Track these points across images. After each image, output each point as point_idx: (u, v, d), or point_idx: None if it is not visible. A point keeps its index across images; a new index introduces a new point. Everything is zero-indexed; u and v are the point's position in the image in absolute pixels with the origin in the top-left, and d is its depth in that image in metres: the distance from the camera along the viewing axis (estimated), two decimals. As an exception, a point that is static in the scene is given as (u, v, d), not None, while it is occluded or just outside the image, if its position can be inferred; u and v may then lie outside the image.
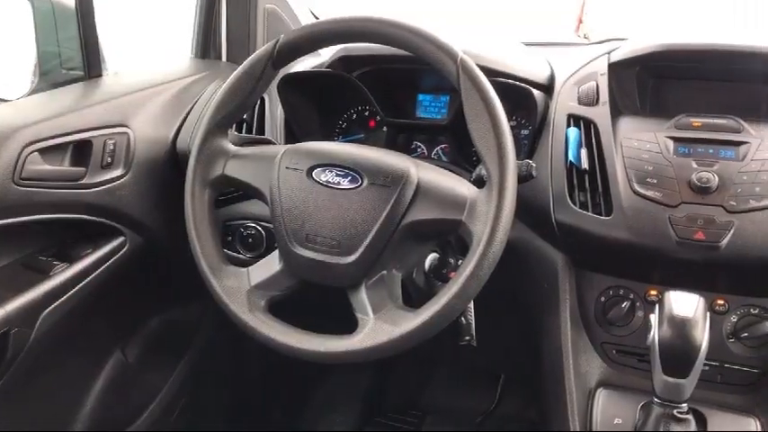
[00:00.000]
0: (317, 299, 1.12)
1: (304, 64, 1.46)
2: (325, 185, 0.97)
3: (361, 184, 0.95)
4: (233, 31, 1.65)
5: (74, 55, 1.39)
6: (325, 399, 1.94)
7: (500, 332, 1.43)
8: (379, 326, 0.92)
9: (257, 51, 1.04)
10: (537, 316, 1.15)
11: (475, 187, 0.94)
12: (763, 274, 1.00)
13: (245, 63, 1.05)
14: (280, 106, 1.34)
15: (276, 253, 1.03)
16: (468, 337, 1.12)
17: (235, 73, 1.05)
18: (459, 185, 0.95)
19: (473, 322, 1.11)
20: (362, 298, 0.96)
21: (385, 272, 0.97)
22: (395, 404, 1.92)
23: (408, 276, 1.07)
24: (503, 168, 0.90)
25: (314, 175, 0.98)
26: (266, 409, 1.89)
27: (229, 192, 1.31)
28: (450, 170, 1.10)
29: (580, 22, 2.32)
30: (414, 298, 1.10)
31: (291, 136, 1.35)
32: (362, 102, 1.39)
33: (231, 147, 1.08)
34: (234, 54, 1.65)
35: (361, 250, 0.93)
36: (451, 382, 1.91)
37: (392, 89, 1.36)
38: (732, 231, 0.97)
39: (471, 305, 1.11)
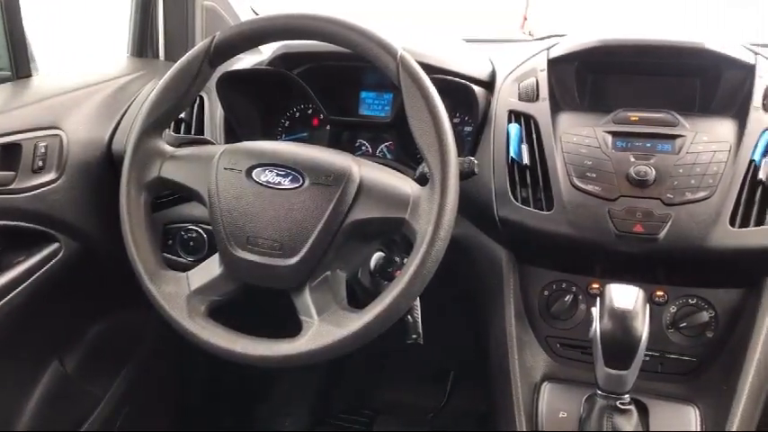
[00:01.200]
0: (260, 302, 1.11)
1: (245, 61, 1.43)
2: (266, 186, 0.95)
3: (302, 184, 0.94)
4: (171, 28, 1.61)
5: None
6: (275, 401, 1.91)
7: (449, 328, 1.44)
8: (324, 328, 0.91)
9: (193, 49, 1.02)
10: (483, 312, 1.15)
11: (418, 185, 0.94)
12: (700, 265, 1.03)
13: (180, 61, 1.02)
14: (220, 105, 1.31)
15: (216, 256, 1.00)
16: (414, 336, 1.11)
17: (169, 72, 1.03)
18: (402, 183, 0.94)
19: (419, 320, 1.11)
20: (306, 300, 0.94)
21: (329, 273, 0.96)
22: (346, 404, 1.91)
23: (353, 276, 1.06)
24: (444, 165, 0.89)
25: (253, 176, 0.96)
26: (215, 413, 1.85)
27: (168, 194, 1.28)
28: (395, 168, 1.09)
29: (525, 19, 2.35)
30: (360, 298, 1.09)
31: (233, 136, 1.32)
32: (305, 100, 1.38)
33: (167, 148, 1.05)
34: (172, 52, 1.61)
35: (303, 251, 0.92)
36: (402, 380, 1.91)
37: (335, 87, 1.35)
38: (669, 223, 0.99)
39: (417, 303, 1.11)
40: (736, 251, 0.98)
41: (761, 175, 0.99)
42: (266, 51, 1.40)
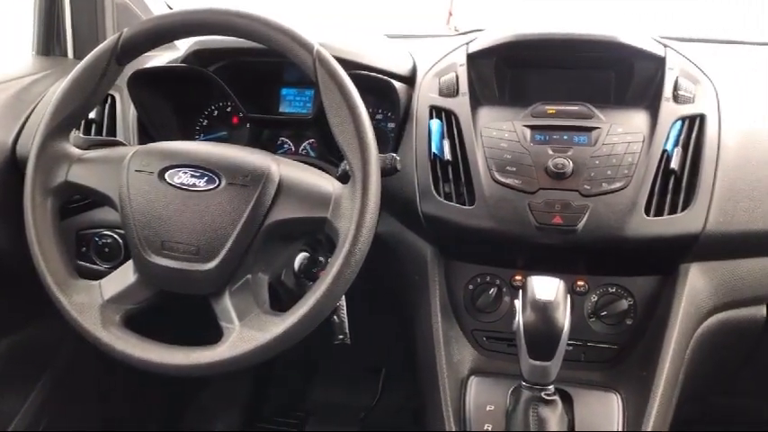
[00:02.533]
0: (179, 309, 1.07)
1: (160, 59, 1.38)
2: (180, 188, 0.91)
3: (218, 185, 0.91)
4: (79, 25, 1.54)
5: None
6: (204, 406, 1.86)
7: (378, 326, 1.43)
8: (246, 333, 0.89)
9: (98, 47, 0.97)
10: (409, 308, 1.15)
11: (340, 183, 0.92)
12: (618, 254, 1.05)
13: (85, 60, 0.98)
14: (132, 105, 1.26)
15: (130, 263, 0.96)
16: (341, 336, 1.10)
17: (74, 71, 0.98)
18: (324, 182, 0.92)
19: (346, 320, 1.10)
20: (226, 305, 0.92)
21: (249, 276, 0.93)
22: (277, 407, 1.88)
23: (277, 278, 1.04)
24: (365, 163, 0.88)
25: (166, 177, 0.92)
26: (141, 421, 1.79)
27: (80, 199, 1.22)
28: (318, 166, 1.08)
29: (450, 15, 2.36)
30: (284, 301, 1.07)
31: (147, 137, 1.27)
32: (223, 98, 1.34)
33: (75, 150, 1.00)
34: (81, 50, 1.54)
35: (222, 255, 0.89)
36: (334, 380, 1.89)
37: (254, 84, 1.32)
38: (587, 214, 1.01)
39: (343, 303, 1.10)
40: (652, 239, 1.00)
41: (673, 165, 1.02)
42: (183, 48, 1.36)
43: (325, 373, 1.92)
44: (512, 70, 1.22)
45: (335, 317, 1.09)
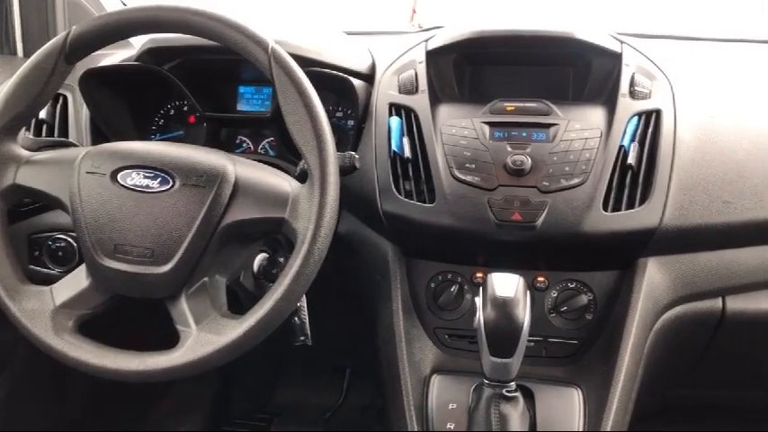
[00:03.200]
0: (134, 314, 1.04)
1: (114, 57, 1.35)
2: (133, 189, 0.89)
3: (172, 186, 0.89)
4: (28, 22, 1.50)
5: None
6: (168, 410, 1.83)
7: (342, 326, 1.42)
8: (203, 337, 0.87)
9: (46, 45, 0.95)
10: (371, 307, 1.14)
11: (298, 182, 0.91)
12: (577, 250, 1.06)
13: (32, 58, 0.95)
14: (85, 105, 1.23)
15: (83, 267, 0.94)
16: (302, 337, 1.09)
17: (21, 70, 0.95)
18: (281, 181, 0.91)
19: (307, 321, 1.09)
20: (183, 309, 0.90)
21: (206, 279, 0.92)
22: (242, 409, 1.86)
23: (235, 280, 1.02)
24: (323, 161, 0.87)
25: (119, 179, 0.90)
26: (102, 423, 1.75)
27: (31, 202, 1.18)
28: (277, 165, 1.07)
29: (414, 12, 2.35)
30: (244, 303, 1.05)
31: (101, 137, 1.24)
32: (180, 96, 1.31)
33: (23, 152, 0.97)
34: (31, 49, 1.49)
35: (177, 258, 0.87)
36: (299, 381, 1.88)
37: (210, 82, 1.30)
38: (546, 211, 1.01)
39: (304, 304, 1.08)
40: (610, 234, 1.01)
41: (630, 160, 1.03)
42: (138, 45, 1.33)
43: (290, 373, 1.91)
44: (471, 67, 1.21)
45: (296, 318, 1.07)
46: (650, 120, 1.07)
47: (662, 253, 1.05)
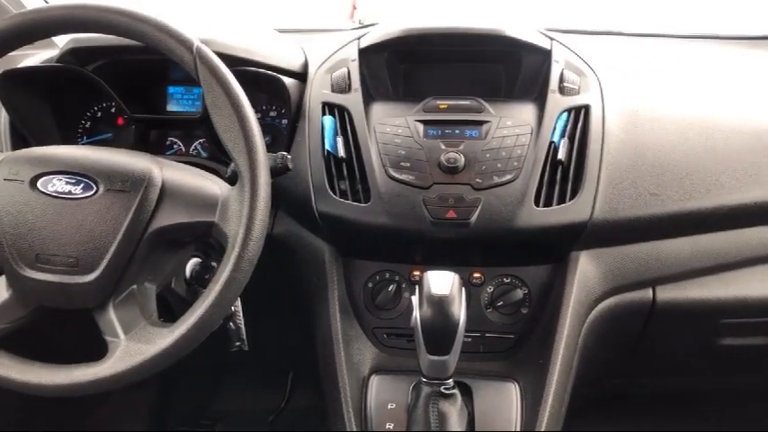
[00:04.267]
0: (60, 325, 1.01)
1: (36, 57, 1.29)
2: (54, 196, 0.86)
3: (96, 192, 0.86)
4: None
5: None
6: (106, 417, 1.77)
7: (282, 329, 1.40)
8: (132, 347, 0.84)
9: None
10: (308, 309, 1.13)
11: (228, 185, 0.89)
12: (511, 245, 1.07)
13: None
14: (4, 109, 1.18)
15: (2, 279, 0.89)
16: (238, 343, 1.07)
17: None
18: (210, 184, 0.89)
19: (243, 326, 1.07)
20: (110, 318, 0.87)
21: (135, 287, 0.89)
22: (184, 415, 1.81)
23: (166, 287, 1.00)
24: (253, 163, 0.85)
25: (39, 186, 0.86)
26: None
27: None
28: (209, 167, 1.04)
29: (354, 8, 2.34)
30: (176, 310, 1.02)
31: (23, 142, 1.19)
32: (106, 98, 1.27)
33: None
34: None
35: (103, 266, 0.84)
36: (241, 385, 1.85)
37: (138, 82, 1.25)
38: (480, 207, 1.02)
39: (239, 308, 1.06)
40: (542, 229, 1.02)
41: (560, 156, 1.05)
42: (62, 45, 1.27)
43: (232, 377, 1.87)
44: (404, 65, 1.21)
45: (231, 323, 1.05)
46: (579, 115, 1.09)
47: (593, 246, 1.07)
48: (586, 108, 1.09)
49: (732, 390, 1.54)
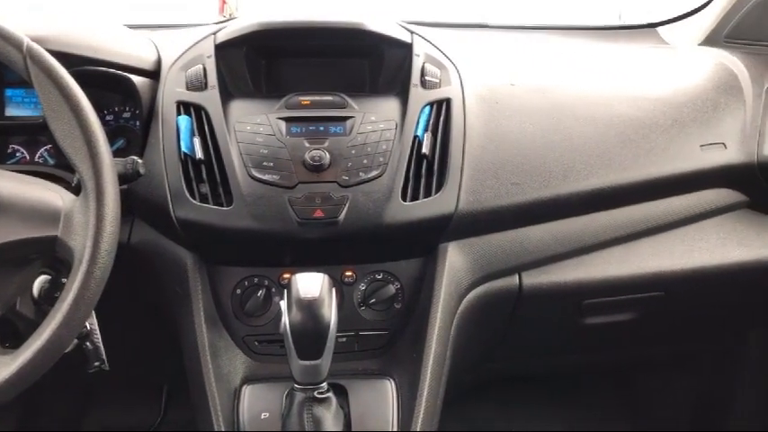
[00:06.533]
0: None
1: None
2: None
3: None
4: None
5: None
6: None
7: (148, 343, 1.33)
8: None
9: None
10: (173, 322, 1.07)
11: (73, 195, 0.82)
12: (381, 241, 1.06)
13: None
14: None
15: None
16: (97, 363, 1.00)
17: None
18: (51, 195, 0.82)
19: (101, 345, 0.99)
20: None
21: None
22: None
23: (10, 309, 0.91)
24: (97, 170, 0.79)
25: None
26: None
27: None
28: (55, 176, 0.97)
29: (224, 2, 2.25)
30: (24, 333, 0.94)
31: None
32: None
33: None
34: None
35: None
36: (112, 403, 1.74)
37: (-32, 85, 1.14)
38: (347, 205, 1.00)
39: (95, 326, 0.99)
40: (410, 224, 1.02)
41: (424, 150, 1.05)
42: None
43: (103, 396, 1.76)
44: (265, 60, 1.17)
45: (88, 343, 0.98)
46: (441, 109, 1.09)
47: (460, 237, 1.08)
48: (448, 101, 1.10)
49: (598, 364, 1.63)
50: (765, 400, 1.58)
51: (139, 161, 0.91)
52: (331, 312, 0.87)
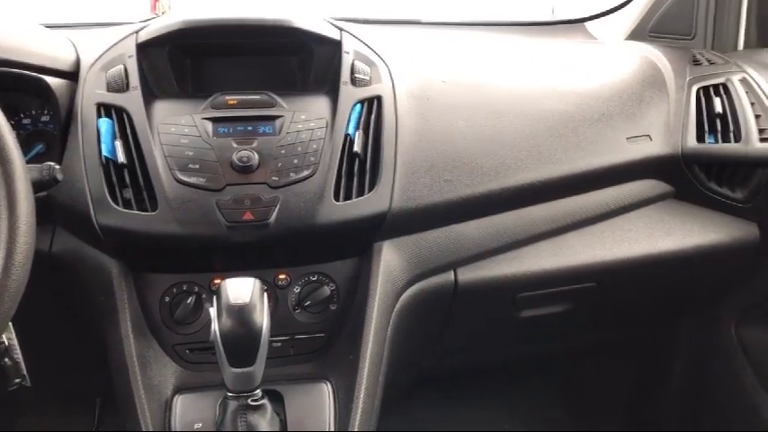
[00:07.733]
0: None
1: None
2: None
3: None
4: None
5: None
6: None
7: (76, 355, 1.28)
8: None
9: None
10: (99, 333, 1.02)
11: None
12: (314, 242, 1.04)
13: None
14: None
15: None
16: (18, 380, 0.95)
17: None
18: None
19: (21, 361, 0.94)
20: None
21: None
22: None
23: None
24: (8, 177, 0.75)
25: None
26: None
27: None
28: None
29: (156, 0, 2.19)
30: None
31: None
32: None
33: None
34: None
35: None
36: (46, 413, 1.66)
37: None
38: (278, 207, 0.98)
39: (14, 341, 0.94)
40: (343, 223, 1.01)
41: (356, 148, 1.03)
42: None
43: (31, 409, 1.68)
44: (190, 59, 1.14)
45: (6, 360, 0.93)
46: (372, 106, 1.08)
47: (394, 235, 1.07)
48: (378, 99, 1.09)
49: (535, 355, 1.65)
50: (696, 384, 1.63)
51: (56, 167, 0.86)
52: (263, 318, 0.85)
